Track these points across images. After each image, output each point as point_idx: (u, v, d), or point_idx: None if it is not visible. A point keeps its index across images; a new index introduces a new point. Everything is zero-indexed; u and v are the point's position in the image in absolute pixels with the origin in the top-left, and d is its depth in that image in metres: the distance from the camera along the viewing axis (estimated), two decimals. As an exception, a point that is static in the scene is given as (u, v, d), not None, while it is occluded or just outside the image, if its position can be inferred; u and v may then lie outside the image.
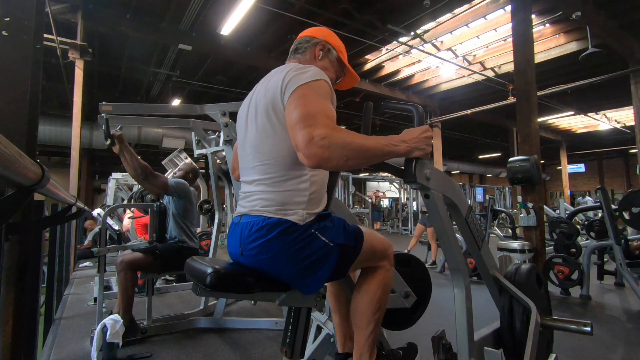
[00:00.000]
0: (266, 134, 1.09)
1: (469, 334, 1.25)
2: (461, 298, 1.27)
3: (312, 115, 0.93)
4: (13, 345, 1.12)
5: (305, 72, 1.04)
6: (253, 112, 1.16)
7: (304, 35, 1.31)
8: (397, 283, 1.41)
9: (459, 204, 1.33)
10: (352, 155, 0.90)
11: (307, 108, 0.95)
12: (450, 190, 1.25)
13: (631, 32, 6.82)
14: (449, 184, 1.26)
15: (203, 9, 5.86)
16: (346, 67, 1.34)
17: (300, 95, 0.99)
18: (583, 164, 21.13)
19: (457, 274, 1.29)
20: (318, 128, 0.89)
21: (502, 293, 1.49)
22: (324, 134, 0.88)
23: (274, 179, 1.08)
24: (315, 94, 0.99)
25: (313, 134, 0.88)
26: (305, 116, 0.93)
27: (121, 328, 2.18)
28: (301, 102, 0.97)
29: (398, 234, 12.44)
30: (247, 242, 1.07)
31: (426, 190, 1.14)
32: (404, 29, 6.65)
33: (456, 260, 1.27)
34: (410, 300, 1.43)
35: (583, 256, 3.78)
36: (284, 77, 1.05)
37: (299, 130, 0.91)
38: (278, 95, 1.05)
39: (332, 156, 0.88)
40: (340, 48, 1.32)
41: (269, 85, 1.11)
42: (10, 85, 1.15)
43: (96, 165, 17.43)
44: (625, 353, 2.38)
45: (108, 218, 3.11)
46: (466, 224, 1.37)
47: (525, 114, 4.16)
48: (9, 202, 0.77)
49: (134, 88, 9.94)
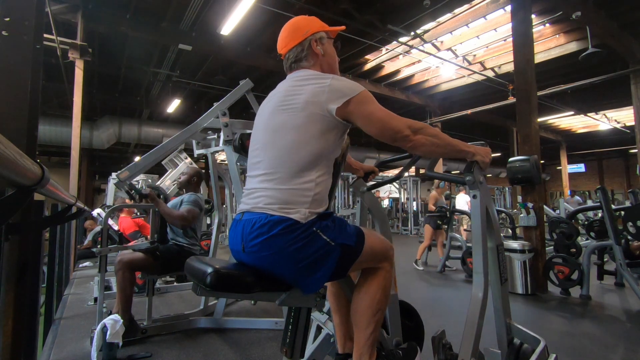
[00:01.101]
0: (290, 131, 1.12)
1: (476, 336, 1.25)
2: (477, 300, 1.30)
3: (395, 115, 1.14)
4: (13, 345, 1.12)
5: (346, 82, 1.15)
6: (274, 110, 1.18)
7: (291, 48, 1.26)
8: (395, 328, 1.43)
9: (496, 229, 1.43)
10: (438, 144, 1.17)
11: (385, 111, 1.14)
12: (491, 209, 1.42)
13: (631, 32, 6.82)
14: (492, 205, 1.43)
15: (203, 9, 5.86)
16: (332, 32, 1.34)
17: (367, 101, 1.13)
18: (583, 164, 21.13)
19: (479, 278, 1.35)
20: (408, 121, 1.13)
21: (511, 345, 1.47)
22: (422, 126, 1.15)
23: (282, 176, 1.09)
24: (373, 102, 1.15)
25: (415, 127, 1.13)
26: (392, 116, 1.13)
27: (121, 328, 2.18)
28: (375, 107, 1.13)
29: (398, 234, 12.43)
30: (249, 238, 1.07)
31: (475, 190, 1.36)
32: (404, 29, 6.65)
33: (482, 263, 1.34)
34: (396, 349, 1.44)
35: (583, 256, 3.78)
36: (330, 85, 1.12)
37: (398, 124, 1.12)
38: (322, 99, 1.11)
39: (427, 142, 1.14)
40: (320, 24, 1.31)
41: (307, 89, 1.14)
42: (10, 85, 1.15)
43: (96, 165, 17.43)
44: (625, 353, 2.38)
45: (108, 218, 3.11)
46: (497, 251, 1.43)
47: (525, 114, 4.16)
48: (9, 202, 0.77)
49: (133, 88, 9.95)
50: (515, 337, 1.47)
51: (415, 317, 1.61)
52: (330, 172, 1.17)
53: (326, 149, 1.12)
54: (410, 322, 1.57)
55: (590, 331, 2.77)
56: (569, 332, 2.75)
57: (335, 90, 1.11)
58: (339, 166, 1.29)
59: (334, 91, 1.11)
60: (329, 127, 1.12)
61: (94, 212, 5.26)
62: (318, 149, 1.10)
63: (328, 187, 1.18)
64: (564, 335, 2.65)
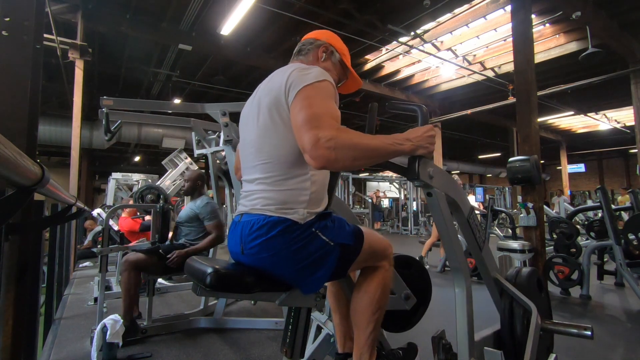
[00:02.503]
0: (268, 133, 1.10)
1: (469, 333, 1.24)
2: (462, 298, 1.27)
3: (317, 116, 0.93)
4: (13, 345, 1.12)
5: (309, 72, 1.04)
6: (255, 111, 1.16)
7: (308, 38, 1.32)
8: (397, 285, 1.40)
9: (461, 203, 1.33)
10: (358, 156, 0.92)
11: (312, 109, 0.95)
12: (452, 189, 1.26)
13: (631, 32, 6.82)
14: (451, 183, 1.27)
15: (203, 9, 5.85)
16: (349, 71, 1.34)
17: (305, 96, 0.99)
18: (583, 164, 21.11)
19: (458, 274, 1.29)
20: (324, 130, 0.90)
21: (502, 295, 1.49)
22: (330, 135, 0.89)
23: (275, 178, 1.08)
24: (319, 94, 1.00)
25: (319, 136, 0.89)
26: (310, 118, 0.93)
27: (121, 328, 2.19)
28: (306, 103, 0.97)
29: (398, 234, 12.42)
30: (247, 240, 1.07)
31: (429, 188, 1.16)
32: (404, 29, 6.65)
33: (457, 259, 1.27)
34: (410, 303, 1.42)
35: (583, 256, 3.78)
36: (288, 77, 1.05)
37: (305, 132, 0.91)
38: (282, 95, 1.05)
39: (339, 157, 0.89)
40: (344, 51, 1.32)
41: (272, 85, 1.11)
42: (10, 85, 1.15)
43: (96, 165, 17.43)
44: (625, 353, 2.38)
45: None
46: (468, 224, 1.38)
47: (525, 114, 4.16)
48: (9, 202, 0.77)
49: (134, 88, 9.94)
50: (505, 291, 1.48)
51: (414, 264, 1.59)
52: None
53: None
54: (410, 270, 1.55)
55: (590, 331, 2.77)
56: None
57: (293, 84, 1.02)
58: None
59: (292, 85, 1.02)
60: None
61: (94, 212, 5.26)
62: (296, 146, 1.01)
63: (325, 184, 1.17)
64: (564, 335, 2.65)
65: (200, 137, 3.24)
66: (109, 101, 2.47)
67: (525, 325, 1.40)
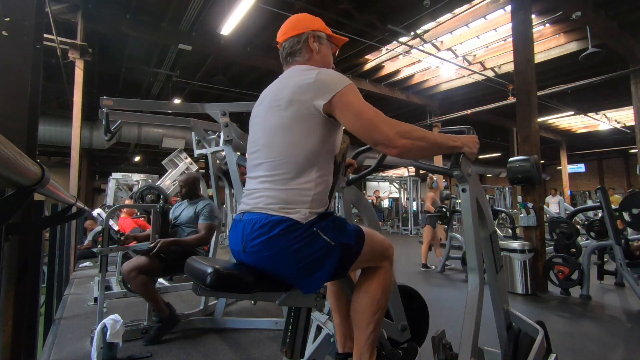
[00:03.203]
0: (283, 131, 1.10)
1: (474, 334, 1.24)
2: (474, 298, 1.28)
3: (380, 115, 1.06)
4: (13, 345, 1.12)
5: (331, 75, 1.10)
6: (266, 112, 1.17)
7: (288, 37, 1.28)
8: (398, 313, 1.41)
9: (487, 217, 1.38)
10: (426, 147, 1.09)
11: (370, 110, 1.06)
12: (482, 199, 1.36)
13: (631, 32, 6.82)
14: (483, 194, 1.37)
15: (203, 9, 5.85)
16: (333, 37, 1.35)
17: (350, 100, 1.06)
18: (583, 164, 21.10)
19: (474, 273, 1.30)
20: (396, 125, 1.05)
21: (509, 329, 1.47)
22: (408, 129, 1.05)
23: (283, 176, 1.09)
24: (359, 97, 1.08)
25: (397, 129, 1.03)
26: (375, 116, 1.05)
27: (121, 328, 2.18)
28: (358, 105, 1.06)
29: (398, 234, 12.42)
30: (249, 239, 1.07)
31: (464, 184, 1.29)
32: (404, 29, 6.65)
33: (476, 259, 1.30)
34: (404, 335, 1.43)
35: (583, 256, 3.78)
36: (315, 81, 1.08)
37: (382, 127, 1.04)
38: (308, 97, 1.07)
39: (414, 146, 1.05)
40: (322, 26, 1.32)
41: (289, 87, 1.12)
42: (10, 85, 1.15)
43: (96, 165, 17.43)
44: (625, 353, 2.38)
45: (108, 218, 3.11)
46: (490, 241, 1.40)
47: (525, 114, 4.16)
48: (9, 202, 0.77)
49: (134, 88, 9.94)
50: (514, 323, 1.47)
51: (417, 298, 1.60)
52: (330, 171, 1.17)
53: (320, 147, 1.10)
54: (412, 304, 1.56)
55: (590, 331, 2.77)
56: (569, 332, 2.75)
57: (322, 86, 1.07)
58: (339, 166, 1.29)
59: (321, 87, 1.07)
60: (318, 125, 1.09)
61: (94, 212, 5.27)
62: (311, 148, 1.08)
63: (328, 186, 1.18)
64: (564, 335, 2.65)
65: (200, 137, 3.24)
66: (109, 101, 2.47)
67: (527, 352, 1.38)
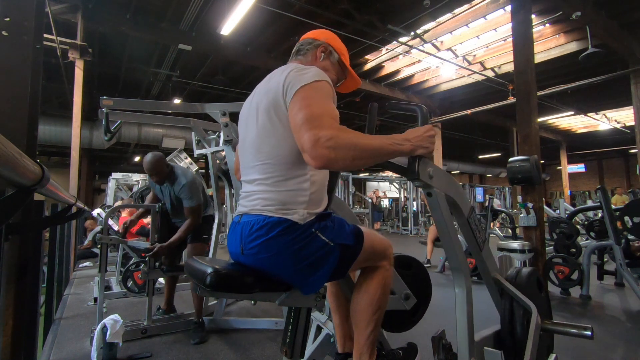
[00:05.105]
0: (267, 133, 1.10)
1: (469, 334, 1.24)
2: (462, 298, 1.27)
3: (317, 116, 0.93)
4: (13, 345, 1.12)
5: (307, 72, 1.05)
6: (254, 112, 1.16)
7: (307, 37, 1.32)
8: (397, 285, 1.40)
9: (461, 203, 1.33)
10: (358, 155, 0.91)
11: (311, 109, 0.95)
12: (452, 189, 1.27)
13: (631, 32, 6.82)
14: (451, 183, 1.27)
15: (203, 9, 5.86)
16: (348, 70, 1.34)
17: (303, 96, 0.99)
18: (583, 164, 21.10)
19: (458, 274, 1.29)
20: (324, 129, 0.90)
21: (502, 295, 1.49)
22: (330, 135, 0.88)
23: (275, 179, 1.08)
24: (318, 94, 1.00)
25: (319, 135, 0.88)
26: (310, 118, 0.93)
27: (121, 328, 2.18)
28: (305, 103, 0.97)
29: (398, 234, 12.42)
30: (247, 241, 1.07)
31: (429, 188, 1.16)
32: (404, 29, 6.65)
33: (458, 259, 1.27)
34: (410, 303, 1.42)
35: (583, 256, 3.78)
36: (286, 78, 1.05)
37: (305, 132, 0.91)
38: (280, 95, 1.05)
39: (339, 157, 0.89)
40: (342, 50, 1.33)
41: (270, 85, 1.11)
42: (10, 85, 1.15)
43: (96, 165, 17.44)
44: (625, 353, 2.38)
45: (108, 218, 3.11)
46: (468, 224, 1.38)
47: (525, 114, 4.16)
48: (9, 202, 0.77)
49: (134, 88, 9.94)
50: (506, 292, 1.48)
51: (415, 265, 1.58)
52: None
53: None
54: (410, 270, 1.54)
55: (590, 331, 2.77)
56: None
57: (290, 84, 1.02)
58: None
59: (290, 85, 1.02)
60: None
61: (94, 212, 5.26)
62: (295, 146, 1.01)
63: (325, 184, 1.17)
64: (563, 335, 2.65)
65: (200, 137, 3.24)
66: (109, 101, 2.47)
67: (525, 326, 1.39)
